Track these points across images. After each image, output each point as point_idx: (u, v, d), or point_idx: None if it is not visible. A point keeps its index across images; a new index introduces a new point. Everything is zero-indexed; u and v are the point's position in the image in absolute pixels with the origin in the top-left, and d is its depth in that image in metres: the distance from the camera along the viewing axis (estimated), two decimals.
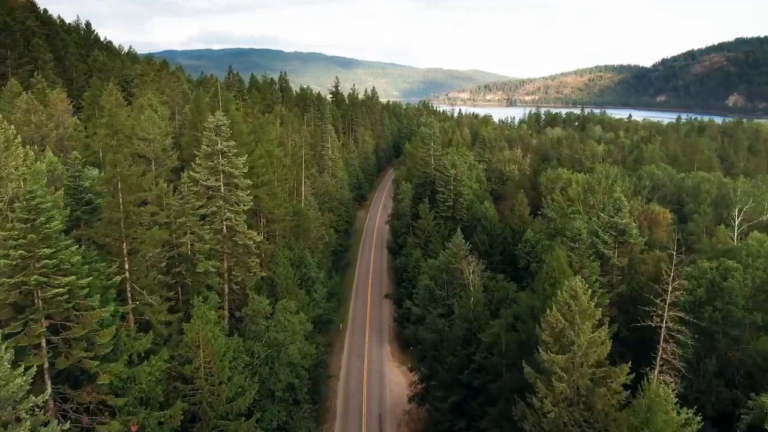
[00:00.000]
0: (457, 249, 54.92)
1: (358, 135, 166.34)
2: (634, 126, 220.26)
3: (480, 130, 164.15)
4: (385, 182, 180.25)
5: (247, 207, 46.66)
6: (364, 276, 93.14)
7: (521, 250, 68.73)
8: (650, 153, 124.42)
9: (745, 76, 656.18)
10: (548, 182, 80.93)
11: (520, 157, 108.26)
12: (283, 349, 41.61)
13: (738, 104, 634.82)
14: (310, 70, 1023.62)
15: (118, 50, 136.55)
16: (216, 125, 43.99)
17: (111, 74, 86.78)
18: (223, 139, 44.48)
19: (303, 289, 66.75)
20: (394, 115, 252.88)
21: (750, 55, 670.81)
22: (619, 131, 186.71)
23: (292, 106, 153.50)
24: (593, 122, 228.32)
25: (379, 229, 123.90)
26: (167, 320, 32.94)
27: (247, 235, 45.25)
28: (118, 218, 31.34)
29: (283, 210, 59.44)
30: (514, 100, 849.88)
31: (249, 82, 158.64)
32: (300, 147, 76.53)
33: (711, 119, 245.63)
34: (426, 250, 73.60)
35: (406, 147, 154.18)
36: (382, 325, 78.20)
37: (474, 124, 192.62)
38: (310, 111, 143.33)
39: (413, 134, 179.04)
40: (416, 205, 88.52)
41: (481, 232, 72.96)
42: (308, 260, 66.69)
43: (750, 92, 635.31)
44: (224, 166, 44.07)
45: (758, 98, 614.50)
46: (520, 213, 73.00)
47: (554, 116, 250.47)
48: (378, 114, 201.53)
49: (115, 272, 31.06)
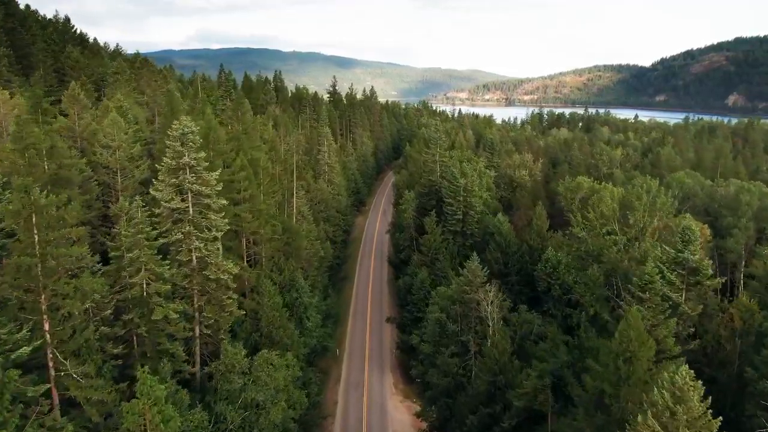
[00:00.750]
0: (473, 276, 46.49)
1: (357, 136, 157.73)
2: (642, 127, 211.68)
3: (484, 131, 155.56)
4: (384, 186, 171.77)
5: (222, 232, 38.11)
6: (363, 293, 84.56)
7: (541, 271, 60.32)
8: (667, 157, 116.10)
9: (745, 75, 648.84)
10: (567, 192, 72.54)
11: (530, 161, 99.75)
12: (264, 413, 33.12)
13: (738, 104, 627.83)
14: (309, 69, 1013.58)
15: (102, 48, 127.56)
16: (182, 133, 35.43)
17: (83, 72, 77.88)
18: (191, 150, 35.91)
19: (294, 317, 58.28)
20: (393, 115, 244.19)
21: (749, 55, 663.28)
22: (628, 132, 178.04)
23: (287, 106, 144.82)
24: (598, 123, 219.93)
25: (379, 238, 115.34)
26: (101, 399, 24.38)
27: (221, 268, 36.72)
28: (31, 264, 22.81)
29: (270, 229, 50.92)
30: (512, 99, 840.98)
31: (242, 81, 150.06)
32: (292, 153, 67.99)
33: (720, 120, 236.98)
34: (433, 268, 65.15)
35: (407, 149, 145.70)
36: (383, 351, 69.45)
37: (477, 125, 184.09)
38: (306, 112, 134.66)
39: (414, 136, 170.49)
40: (420, 216, 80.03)
41: (495, 249, 64.58)
42: (300, 283, 58.21)
43: (750, 92, 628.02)
44: (192, 184, 35.51)
45: (758, 98, 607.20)
46: (539, 228, 64.62)
47: (558, 117, 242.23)
48: (377, 114, 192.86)
49: (26, 338, 22.52)
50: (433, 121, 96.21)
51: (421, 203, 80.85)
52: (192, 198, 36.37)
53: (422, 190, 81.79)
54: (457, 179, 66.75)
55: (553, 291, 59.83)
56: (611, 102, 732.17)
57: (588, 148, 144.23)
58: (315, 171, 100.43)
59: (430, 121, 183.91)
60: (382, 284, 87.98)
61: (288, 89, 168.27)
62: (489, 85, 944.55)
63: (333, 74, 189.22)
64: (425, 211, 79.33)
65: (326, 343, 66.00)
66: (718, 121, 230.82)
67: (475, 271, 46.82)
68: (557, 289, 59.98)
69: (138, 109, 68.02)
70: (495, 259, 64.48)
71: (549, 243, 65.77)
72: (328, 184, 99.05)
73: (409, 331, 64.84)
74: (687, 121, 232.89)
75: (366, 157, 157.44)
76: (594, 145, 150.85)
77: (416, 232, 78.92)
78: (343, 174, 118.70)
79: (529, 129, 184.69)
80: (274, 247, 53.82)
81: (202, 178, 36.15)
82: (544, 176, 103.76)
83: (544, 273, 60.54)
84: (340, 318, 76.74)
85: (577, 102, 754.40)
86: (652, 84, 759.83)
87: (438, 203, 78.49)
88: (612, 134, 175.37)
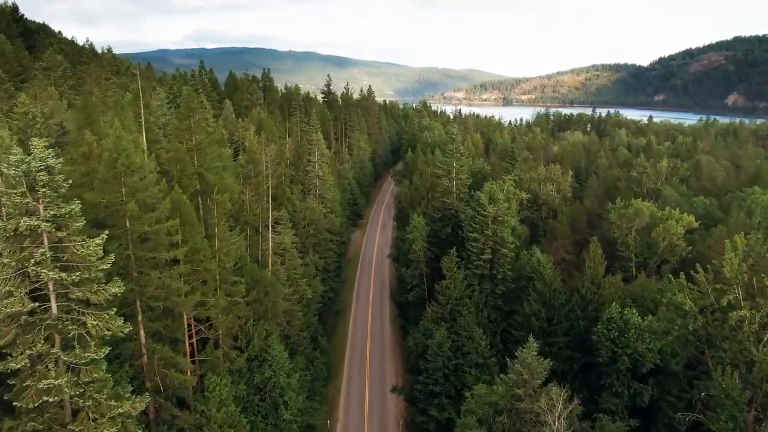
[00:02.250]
0: (530, 374, 30.10)
1: (353, 141, 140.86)
2: (660, 129, 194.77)
3: (493, 135, 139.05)
4: (383, 193, 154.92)
5: (109, 348, 21.48)
6: (361, 340, 67.75)
7: (602, 335, 44.00)
8: (708, 166, 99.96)
9: (745, 75, 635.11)
10: (622, 220, 56.10)
11: (559, 174, 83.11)
12: None
13: (738, 104, 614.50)
14: (305, 69, 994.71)
15: (65, 40, 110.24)
16: (25, 172, 18.80)
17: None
18: (48, 202, 19.30)
19: (266, 404, 41.66)
20: (392, 116, 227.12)
21: (749, 54, 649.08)
22: (649, 135, 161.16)
23: (275, 108, 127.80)
24: (610, 124, 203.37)
25: (379, 260, 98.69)
26: None
27: (111, 409, 20.11)
28: None
29: (225, 293, 34.32)
30: (510, 99, 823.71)
31: (225, 80, 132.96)
32: (268, 174, 51.13)
33: (742, 121, 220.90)
34: (453, 326, 48.60)
35: (409, 156, 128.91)
36: None
37: (482, 127, 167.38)
38: (296, 115, 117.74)
39: (415, 139, 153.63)
40: (432, 246, 63.43)
41: (536, 301, 48.27)
42: (275, 356, 41.68)
43: (750, 91, 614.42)
44: (43, 268, 18.86)
45: (758, 97, 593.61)
46: (593, 273, 48.28)
47: (566, 118, 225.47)
48: (375, 116, 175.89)
49: None
50: (451, 129, 79.06)
51: (433, 230, 64.24)
52: (54, 287, 19.71)
53: (434, 214, 65.13)
54: (485, 207, 50.09)
55: (620, 363, 43.57)
56: (610, 102, 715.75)
57: (611, 154, 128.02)
58: (304, 185, 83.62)
59: (433, 123, 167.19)
60: (383, 327, 71.34)
61: (278, 89, 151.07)
62: (486, 84, 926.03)
63: (329, 74, 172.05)
64: (440, 242, 62.65)
65: (312, 421, 49.59)
66: (739, 122, 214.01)
67: (531, 365, 30.31)
68: (625, 361, 43.72)
69: (67, 115, 51.02)
70: (536, 313, 48.06)
71: (606, 291, 49.61)
72: (319, 200, 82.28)
73: (422, 407, 48.39)
74: (706, 122, 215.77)
75: (363, 163, 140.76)
76: (616, 150, 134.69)
77: (428, 267, 62.34)
78: (338, 185, 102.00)
79: (539, 132, 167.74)
80: (237, 314, 37.18)
81: (70, 251, 19.47)
82: (573, 192, 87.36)
83: (605, 337, 44.22)
84: (332, 375, 60.16)
85: (576, 102, 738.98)
86: (651, 84, 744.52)
87: (455, 232, 61.88)
88: (632, 137, 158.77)
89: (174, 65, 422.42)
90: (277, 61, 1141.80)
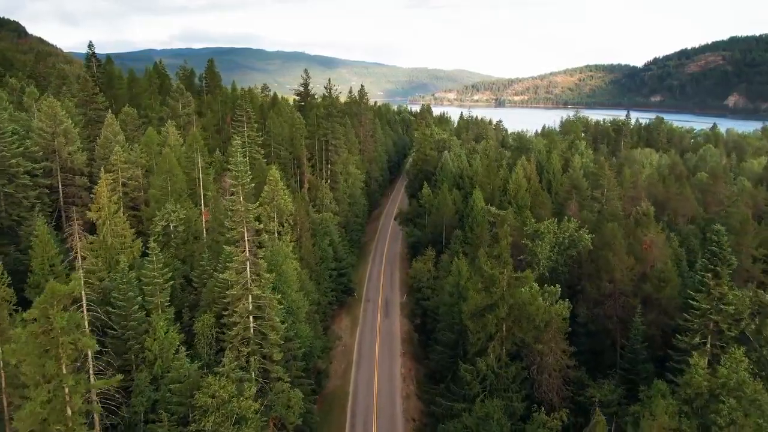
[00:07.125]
0: None
1: (337, 166, 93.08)
2: (720, 139, 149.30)
3: (547, 160, 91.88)
4: (381, 233, 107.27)
5: None
6: None
7: None
8: None
9: (744, 75, 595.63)
10: None
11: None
12: None
13: (739, 104, 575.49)
14: (292, 69, 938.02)
15: None
16: None
17: None
18: None
19: None
20: (387, 122, 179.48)
21: (747, 54, 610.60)
22: (731, 154, 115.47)
23: (215, 118, 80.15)
24: (661, 133, 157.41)
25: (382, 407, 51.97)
26: None
27: None
28: None
29: None
30: (503, 100, 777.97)
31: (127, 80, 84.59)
32: None
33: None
34: None
35: (427, 195, 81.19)
36: None
37: (520, 143, 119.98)
38: (245, 131, 70.01)
39: (428, 161, 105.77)
40: None
41: None
42: None
43: (750, 92, 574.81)
44: None
45: (760, 98, 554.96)
46: None
47: (596, 125, 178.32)
48: (369, 125, 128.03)
49: None
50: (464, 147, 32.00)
51: None
52: None
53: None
54: None
55: None
56: (604, 102, 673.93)
57: (726, 189, 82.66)
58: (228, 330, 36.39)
59: (450, 138, 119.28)
60: None
61: (227, 90, 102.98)
62: (478, 85, 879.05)
63: (317, 74, 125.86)
64: None
65: None
66: (764, 131, 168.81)
67: None
68: None
69: None
70: None
71: None
72: (270, 329, 35.29)
73: None
74: (734, 133, 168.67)
75: (355, 198, 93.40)
76: (717, 180, 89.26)
77: None
78: (307, 268, 54.89)
79: (583, 148, 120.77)
80: None
81: None
82: None
83: None
84: None
85: (569, 102, 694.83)
86: (647, 84, 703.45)
87: None
88: (722, 155, 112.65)
89: (106, 58, 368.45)
90: (264, 61, 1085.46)
